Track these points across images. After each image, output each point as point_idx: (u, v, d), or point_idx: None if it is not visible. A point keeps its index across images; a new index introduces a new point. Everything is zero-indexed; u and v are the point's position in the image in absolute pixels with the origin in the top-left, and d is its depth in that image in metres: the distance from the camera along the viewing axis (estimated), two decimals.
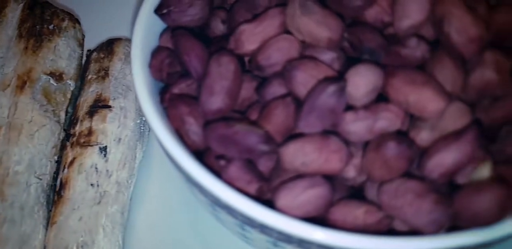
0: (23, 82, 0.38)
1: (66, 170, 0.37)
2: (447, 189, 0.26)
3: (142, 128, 0.41)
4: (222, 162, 0.27)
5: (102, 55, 0.43)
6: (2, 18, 0.41)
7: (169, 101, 0.29)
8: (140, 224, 0.38)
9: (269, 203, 0.26)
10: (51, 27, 0.41)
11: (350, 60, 0.28)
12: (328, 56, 0.28)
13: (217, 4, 0.33)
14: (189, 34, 0.30)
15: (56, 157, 0.38)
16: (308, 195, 0.25)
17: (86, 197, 0.36)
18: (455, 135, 0.25)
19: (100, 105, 0.40)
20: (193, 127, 0.28)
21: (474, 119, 0.26)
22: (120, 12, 0.48)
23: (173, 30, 0.31)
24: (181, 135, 0.29)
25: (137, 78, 0.30)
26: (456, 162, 0.25)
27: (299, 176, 0.26)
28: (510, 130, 0.26)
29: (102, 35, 0.45)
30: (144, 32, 0.32)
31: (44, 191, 0.37)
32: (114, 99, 0.40)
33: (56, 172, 0.38)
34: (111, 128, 0.39)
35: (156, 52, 0.31)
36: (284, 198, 0.25)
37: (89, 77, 0.42)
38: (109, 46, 0.44)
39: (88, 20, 0.47)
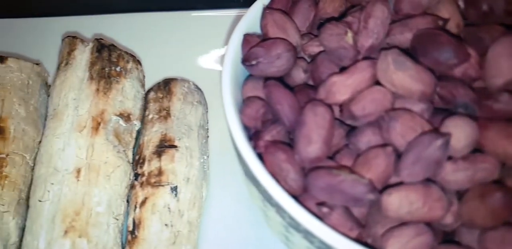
0: (97, 124, 0.39)
1: (138, 210, 0.38)
2: None
3: (205, 167, 0.42)
4: (325, 210, 0.28)
5: (160, 95, 0.45)
6: (72, 60, 0.42)
7: (265, 148, 0.31)
8: None
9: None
10: (118, 69, 0.43)
11: (437, 111, 0.30)
12: (418, 107, 0.29)
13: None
14: (280, 85, 0.32)
15: (127, 197, 0.39)
16: (415, 243, 0.26)
17: (161, 237, 0.37)
18: None
19: (166, 145, 0.41)
20: (291, 174, 0.30)
21: None
22: (172, 52, 0.50)
23: (265, 80, 0.32)
24: (277, 181, 0.30)
25: (233, 125, 0.31)
26: None
27: (403, 224, 0.27)
28: None
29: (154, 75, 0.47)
30: (230, 81, 0.33)
31: (120, 231, 0.38)
32: (179, 139, 0.41)
33: (126, 212, 0.39)
34: (179, 168, 0.40)
35: (250, 102, 0.32)
36: (393, 246, 0.26)
37: (150, 116, 0.43)
38: (166, 86, 0.45)
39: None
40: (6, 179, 0.38)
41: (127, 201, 0.40)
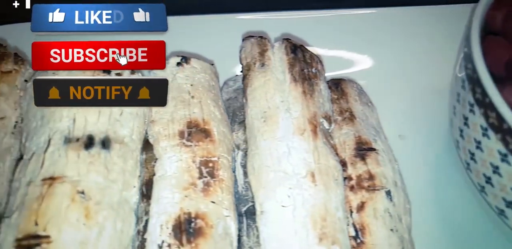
0: (314, 126, 0.38)
1: (355, 214, 0.37)
2: None
3: (399, 171, 0.41)
4: None
5: (335, 96, 0.44)
6: (267, 62, 0.41)
7: None
8: None
9: None
10: (313, 70, 0.41)
11: None
12: None
13: None
14: None
15: None
16: None
17: (391, 243, 0.36)
18: None
19: (365, 147, 0.40)
20: None
21: None
22: None
23: None
24: None
25: None
26: None
27: None
28: None
29: None
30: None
31: None
32: (375, 141, 0.40)
33: None
34: (387, 171, 0.39)
35: None
36: None
37: (333, 118, 0.42)
38: (337, 87, 0.44)
39: None
40: (223, 182, 0.36)
41: None
